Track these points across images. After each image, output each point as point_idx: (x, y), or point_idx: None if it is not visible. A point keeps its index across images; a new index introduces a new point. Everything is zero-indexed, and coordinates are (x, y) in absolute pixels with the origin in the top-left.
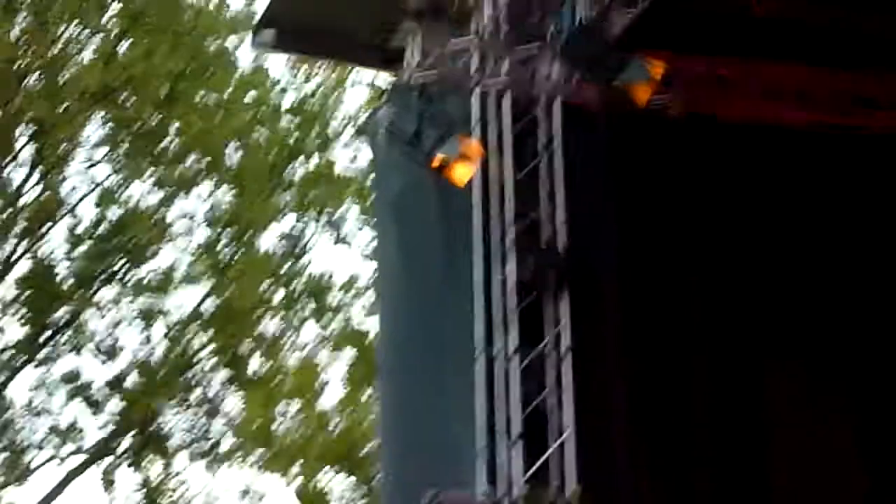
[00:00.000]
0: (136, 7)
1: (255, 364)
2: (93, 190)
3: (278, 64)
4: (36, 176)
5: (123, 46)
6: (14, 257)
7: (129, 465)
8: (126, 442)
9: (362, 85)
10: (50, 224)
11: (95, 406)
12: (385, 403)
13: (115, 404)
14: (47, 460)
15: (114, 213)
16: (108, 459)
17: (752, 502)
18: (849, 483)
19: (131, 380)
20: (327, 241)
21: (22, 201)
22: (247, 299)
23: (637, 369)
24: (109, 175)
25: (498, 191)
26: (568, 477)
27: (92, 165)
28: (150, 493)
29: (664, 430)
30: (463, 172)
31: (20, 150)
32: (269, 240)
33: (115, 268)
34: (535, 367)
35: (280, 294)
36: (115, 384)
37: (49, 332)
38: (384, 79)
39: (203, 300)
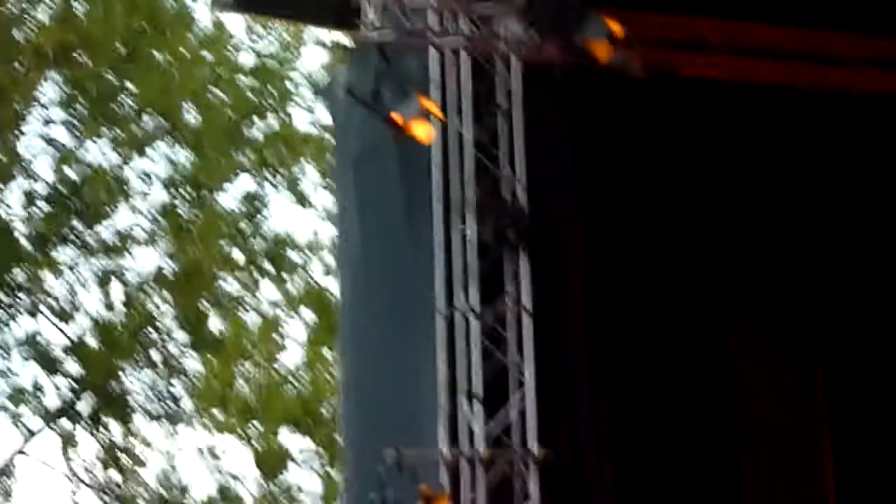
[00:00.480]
0: None
1: (215, 324)
2: (50, 150)
3: (237, 23)
4: None
5: (79, 5)
6: None
7: (89, 427)
8: (85, 403)
9: (320, 45)
10: (5, 185)
11: (53, 367)
12: (346, 363)
13: (73, 366)
14: (6, 422)
15: (71, 173)
16: (68, 421)
17: (719, 460)
18: (818, 439)
19: (90, 341)
20: (286, 200)
21: None
22: (206, 260)
23: (599, 328)
24: (66, 135)
25: (457, 150)
26: (529, 436)
27: (48, 125)
28: (110, 454)
29: (627, 390)
30: (424, 130)
31: None
32: (227, 200)
33: (73, 228)
34: (496, 326)
35: (239, 254)
36: (74, 346)
37: (6, 294)
38: (341, 38)
39: (162, 261)
